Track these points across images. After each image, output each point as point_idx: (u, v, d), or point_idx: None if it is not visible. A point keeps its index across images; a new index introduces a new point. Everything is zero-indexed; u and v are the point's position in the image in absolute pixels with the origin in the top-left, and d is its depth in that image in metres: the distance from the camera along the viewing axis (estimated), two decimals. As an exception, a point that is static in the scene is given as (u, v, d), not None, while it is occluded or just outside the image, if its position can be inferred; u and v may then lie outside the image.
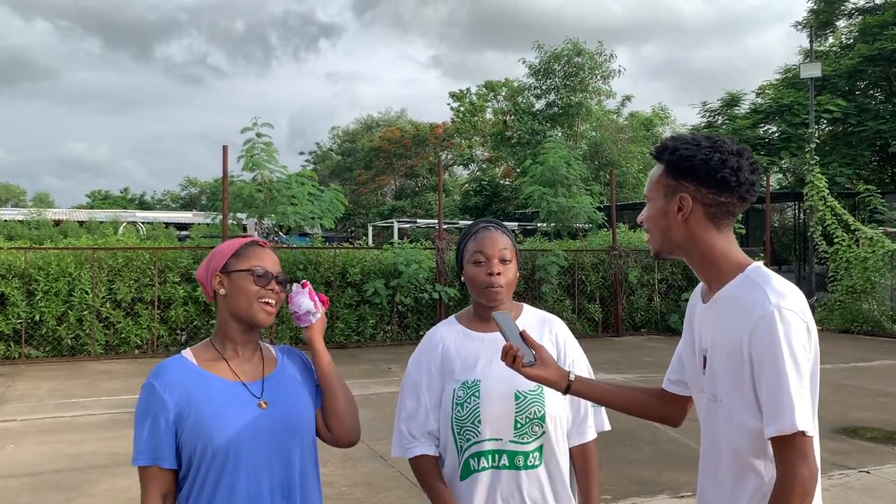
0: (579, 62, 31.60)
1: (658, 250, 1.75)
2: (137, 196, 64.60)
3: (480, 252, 2.07)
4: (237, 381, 1.85)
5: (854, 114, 22.43)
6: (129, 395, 8.32)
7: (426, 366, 2.13)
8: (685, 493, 5.06)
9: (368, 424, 6.99)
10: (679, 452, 6.07)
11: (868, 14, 26.18)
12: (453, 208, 35.17)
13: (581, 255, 14.60)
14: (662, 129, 39.75)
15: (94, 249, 11.27)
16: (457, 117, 42.95)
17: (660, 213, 1.71)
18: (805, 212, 21.89)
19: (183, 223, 28.50)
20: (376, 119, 53.15)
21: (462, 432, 2.01)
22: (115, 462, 5.78)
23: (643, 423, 7.19)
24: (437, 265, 13.00)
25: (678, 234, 1.69)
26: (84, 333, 10.94)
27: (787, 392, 1.50)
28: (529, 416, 1.99)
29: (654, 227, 1.73)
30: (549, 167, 15.09)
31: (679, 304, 14.83)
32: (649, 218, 1.74)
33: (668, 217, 1.69)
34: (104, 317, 11.09)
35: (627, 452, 6.09)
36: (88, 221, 24.68)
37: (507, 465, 1.99)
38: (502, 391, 2.00)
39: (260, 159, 12.74)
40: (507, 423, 1.99)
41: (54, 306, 10.71)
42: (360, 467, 5.67)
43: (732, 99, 26.18)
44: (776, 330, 1.51)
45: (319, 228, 14.40)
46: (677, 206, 1.67)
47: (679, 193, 1.67)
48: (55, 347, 10.90)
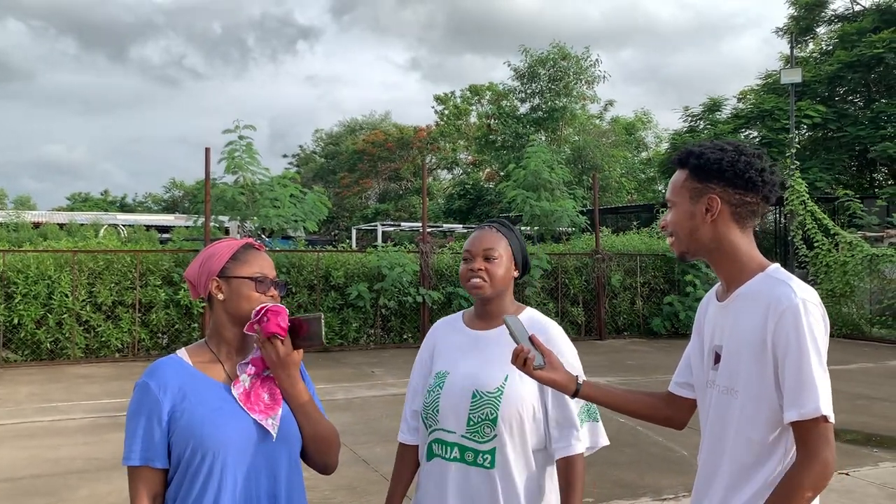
0: (564, 66, 31.76)
1: (684, 251, 1.81)
2: (119, 198, 64.11)
3: (468, 250, 2.18)
4: (226, 384, 1.84)
5: (833, 119, 22.70)
6: (109, 400, 8.24)
7: (422, 351, 2.29)
8: (667, 495, 5.08)
9: (351, 428, 6.98)
10: (662, 455, 6.10)
11: (847, 21, 26.52)
12: (437, 212, 35.20)
13: (564, 258, 14.65)
14: (645, 134, 40.05)
15: (74, 252, 11.16)
16: (441, 120, 43.00)
17: (686, 215, 1.77)
18: (786, 216, 22.10)
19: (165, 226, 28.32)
20: (360, 122, 53.10)
21: (426, 418, 2.13)
22: (95, 467, 5.72)
23: (626, 425, 7.23)
24: (420, 268, 12.99)
25: (705, 235, 1.76)
26: (64, 337, 10.83)
27: (811, 378, 1.58)
28: (482, 416, 2.03)
29: (681, 229, 1.79)
30: (532, 171, 15.13)
31: (661, 308, 14.91)
32: (675, 221, 1.79)
33: (694, 218, 1.76)
34: (84, 320, 10.97)
35: (610, 455, 6.11)
36: (69, 224, 24.44)
37: (458, 458, 2.06)
38: (463, 386, 2.07)
39: (242, 161, 12.67)
40: (462, 418, 2.06)
41: (33, 309, 10.59)
42: (343, 471, 5.65)
43: (714, 104, 26.40)
44: (801, 320, 1.60)
45: (302, 231, 14.35)
46: (705, 206, 1.74)
47: (707, 195, 1.74)
48: (34, 351, 10.77)
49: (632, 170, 34.93)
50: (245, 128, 12.72)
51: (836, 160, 22.79)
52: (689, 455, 6.07)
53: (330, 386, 9.13)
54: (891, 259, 14.20)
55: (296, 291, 12.36)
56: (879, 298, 14.57)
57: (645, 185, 35.46)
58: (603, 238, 15.78)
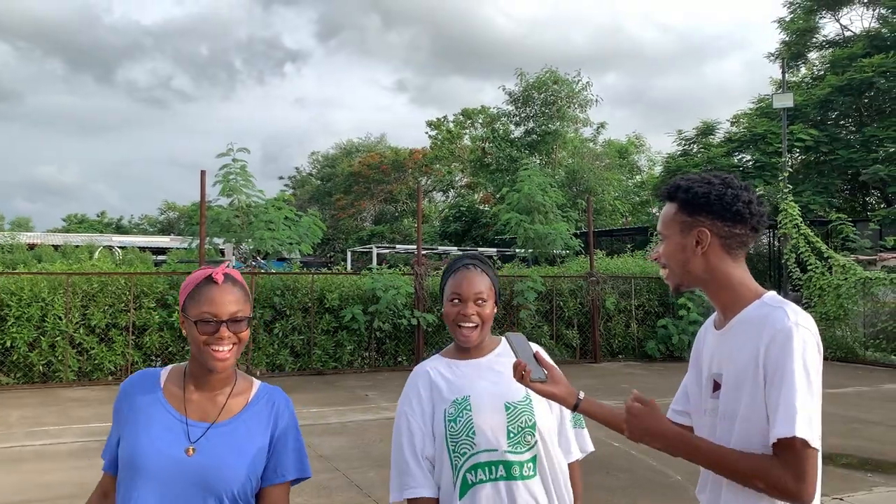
0: (557, 90, 32.02)
1: (678, 284, 1.84)
2: (114, 220, 64.04)
3: (457, 294, 2.14)
4: (183, 416, 1.78)
5: (826, 143, 22.86)
6: (101, 423, 8.18)
7: (415, 394, 2.14)
8: (661, 520, 5.06)
9: (345, 452, 6.94)
10: (656, 480, 6.08)
11: (838, 46, 26.82)
12: (433, 234, 35.24)
13: (559, 281, 14.67)
14: (637, 157, 40.28)
15: (68, 275, 11.14)
16: (435, 144, 43.19)
17: (678, 248, 1.80)
18: (779, 239, 22.19)
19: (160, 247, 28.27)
20: (356, 144, 53.33)
21: (457, 447, 2.02)
22: (85, 492, 5.64)
23: (619, 449, 7.20)
24: (415, 291, 12.99)
25: (697, 267, 1.78)
26: (56, 360, 10.77)
27: (791, 400, 1.57)
28: (521, 424, 2.03)
29: (673, 261, 1.82)
30: (525, 194, 15.21)
31: (656, 331, 14.91)
32: (667, 254, 1.82)
33: (685, 251, 1.79)
34: (77, 343, 10.93)
35: (604, 480, 6.08)
36: (64, 245, 24.39)
37: (505, 475, 2.00)
38: (493, 403, 2.04)
39: (236, 184, 12.71)
40: (501, 432, 2.01)
41: (26, 332, 10.54)
42: (336, 496, 5.61)
43: (707, 127, 26.58)
44: (792, 342, 1.60)
45: (297, 254, 14.35)
46: (695, 240, 1.77)
47: (696, 228, 1.77)
48: (26, 374, 10.70)
49: (626, 193, 35.11)
50: (239, 150, 12.78)
51: (829, 183, 22.93)
52: (683, 480, 6.05)
53: (324, 409, 9.08)
54: (884, 282, 14.24)
55: (290, 314, 12.33)
56: (873, 321, 14.60)
57: (639, 207, 35.62)
58: (597, 261, 15.81)
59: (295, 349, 12.36)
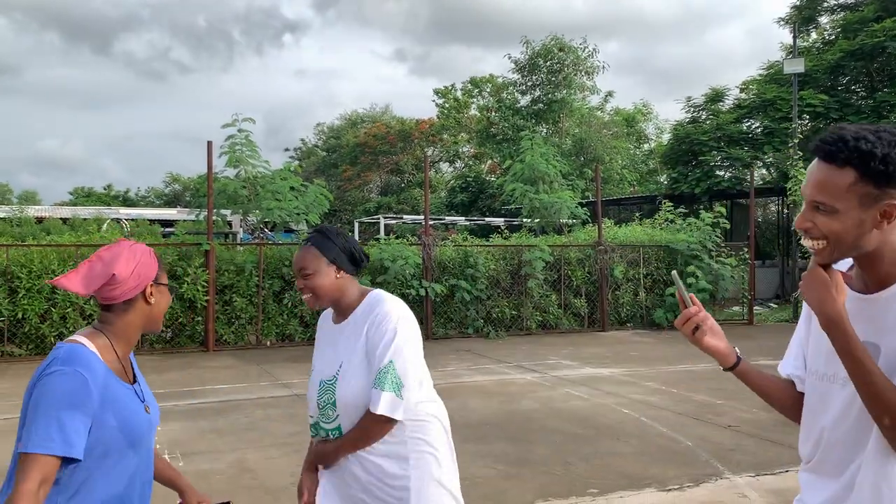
0: (563, 57, 31.66)
1: (837, 259, 1.61)
2: (121, 193, 64.07)
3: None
4: (127, 382, 1.95)
5: (836, 109, 22.59)
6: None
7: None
8: (672, 486, 5.09)
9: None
10: (666, 446, 6.10)
11: (849, 10, 26.40)
12: (439, 205, 35.16)
13: (566, 250, 14.64)
14: (645, 125, 39.97)
15: (77, 246, 11.17)
16: (442, 114, 42.88)
17: (855, 223, 1.54)
18: (788, 206, 22.07)
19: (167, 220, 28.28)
20: (361, 115, 52.98)
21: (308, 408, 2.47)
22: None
23: (630, 416, 7.25)
24: (423, 261, 12.99)
25: (872, 242, 1.57)
26: (68, 331, 10.83)
27: None
28: (326, 400, 2.35)
29: (845, 238, 1.56)
30: (529, 164, 15.13)
31: (664, 299, 14.90)
32: (839, 231, 1.55)
33: (863, 226, 1.54)
34: (88, 314, 10.99)
35: (614, 446, 6.11)
36: (72, 219, 24.42)
37: (315, 436, 2.42)
38: (314, 379, 2.42)
39: (243, 155, 12.67)
40: (314, 404, 2.39)
41: (37, 304, 10.61)
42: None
43: (716, 94, 26.29)
44: None
45: (305, 224, 14.35)
46: (881, 213, 1.53)
47: (885, 202, 1.53)
48: (38, 345, 10.79)
49: (634, 161, 34.87)
50: (244, 120, 12.71)
51: (839, 150, 22.70)
52: (693, 445, 6.08)
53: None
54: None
55: (298, 285, 12.36)
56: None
57: (647, 176, 35.40)
58: (605, 229, 15.76)
59: (304, 319, 12.41)
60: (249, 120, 12.85)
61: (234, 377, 9.42)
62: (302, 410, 7.42)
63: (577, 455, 5.85)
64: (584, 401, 7.92)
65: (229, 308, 11.91)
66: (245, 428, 6.78)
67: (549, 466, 5.53)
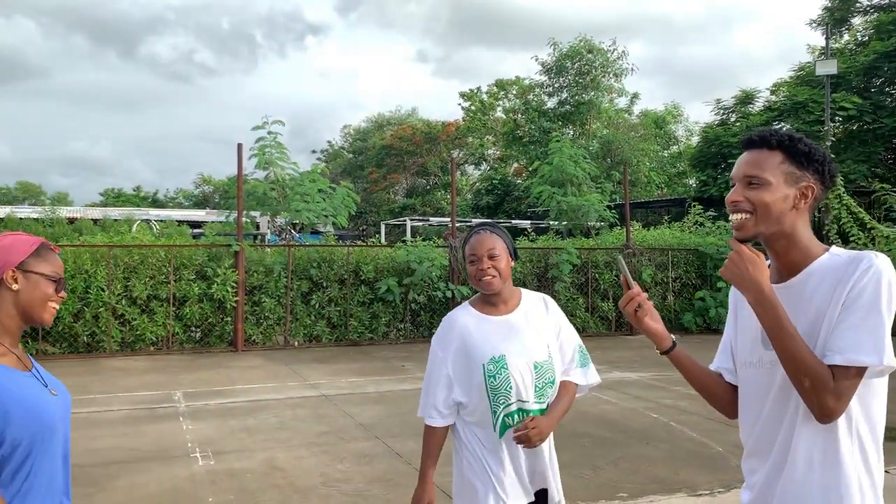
0: (591, 59, 31.50)
1: (759, 233, 1.76)
2: (150, 194, 64.88)
3: (473, 254, 2.55)
4: (27, 371, 1.92)
5: (869, 111, 22.24)
6: (145, 392, 8.37)
7: (449, 344, 2.57)
8: (703, 491, 5.04)
9: (384, 422, 7.01)
10: (696, 451, 6.05)
11: (883, 11, 25.98)
12: (465, 207, 35.17)
13: (594, 253, 14.57)
14: (675, 128, 39.61)
15: (109, 247, 11.34)
16: (467, 116, 42.88)
17: (781, 197, 1.73)
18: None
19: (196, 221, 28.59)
20: (387, 117, 53.16)
21: (496, 398, 2.46)
22: (135, 458, 5.82)
23: (659, 420, 7.17)
24: (449, 263, 13.00)
25: (789, 221, 1.74)
26: (100, 330, 11.02)
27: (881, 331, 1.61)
28: (545, 381, 2.49)
29: (771, 210, 1.73)
30: (557, 167, 15.07)
31: (693, 303, 14.77)
32: (767, 202, 1.72)
33: (786, 202, 1.73)
34: (120, 314, 11.15)
35: (644, 450, 6.07)
36: (102, 219, 24.79)
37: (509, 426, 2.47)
38: (524, 362, 2.47)
39: (272, 157, 12.79)
40: (530, 388, 2.47)
41: (70, 303, 10.79)
42: (377, 464, 5.68)
43: (746, 96, 26.02)
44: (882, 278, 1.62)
45: (332, 226, 14.43)
46: (800, 193, 1.74)
47: (804, 182, 1.75)
48: (71, 344, 10.98)
49: (663, 164, 34.57)
50: (274, 122, 12.83)
51: (872, 152, 22.34)
52: (724, 451, 6.02)
53: (360, 379, 9.19)
54: (929, 253, 13.91)
55: (327, 286, 12.44)
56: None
57: (675, 179, 35.10)
58: (634, 232, 15.66)
59: (331, 320, 12.48)
60: (279, 122, 12.98)
61: (263, 377, 9.50)
62: (330, 411, 7.47)
63: (606, 459, 5.82)
64: (612, 405, 7.88)
65: (258, 309, 12.01)
66: (275, 427, 6.83)
67: (578, 470, 5.51)
